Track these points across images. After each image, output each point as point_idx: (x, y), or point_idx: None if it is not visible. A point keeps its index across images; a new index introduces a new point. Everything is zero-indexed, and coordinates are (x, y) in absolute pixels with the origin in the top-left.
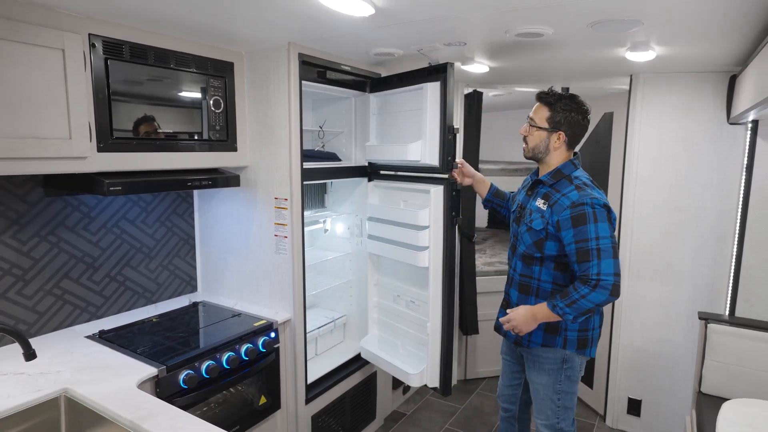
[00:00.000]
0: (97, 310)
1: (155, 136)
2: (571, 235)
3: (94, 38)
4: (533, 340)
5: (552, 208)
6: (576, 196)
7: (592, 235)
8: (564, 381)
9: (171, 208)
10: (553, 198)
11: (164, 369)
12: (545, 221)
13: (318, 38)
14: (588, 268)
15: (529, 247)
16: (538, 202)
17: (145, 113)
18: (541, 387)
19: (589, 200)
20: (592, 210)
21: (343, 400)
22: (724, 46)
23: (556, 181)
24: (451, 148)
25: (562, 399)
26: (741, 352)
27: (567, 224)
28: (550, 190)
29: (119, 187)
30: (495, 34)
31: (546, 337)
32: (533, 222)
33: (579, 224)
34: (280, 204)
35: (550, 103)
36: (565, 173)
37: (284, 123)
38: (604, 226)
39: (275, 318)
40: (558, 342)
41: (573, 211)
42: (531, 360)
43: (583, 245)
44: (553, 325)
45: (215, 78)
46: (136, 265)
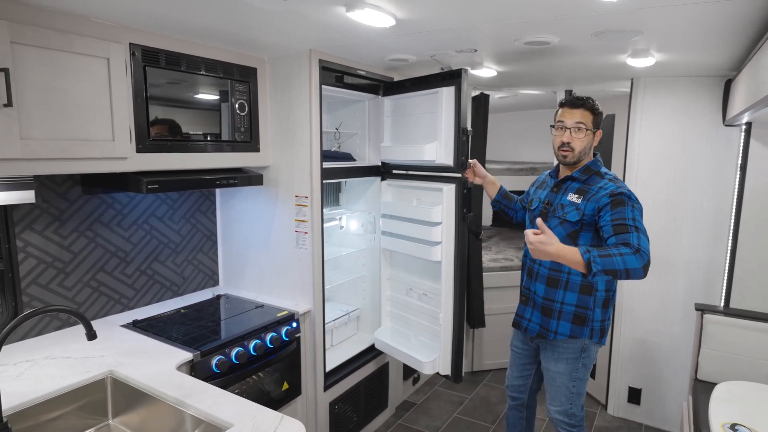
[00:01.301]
0: (129, 302)
1: (187, 138)
2: (609, 215)
3: (134, 47)
4: (560, 332)
5: (590, 200)
6: (614, 186)
7: (629, 216)
8: (581, 369)
9: (195, 206)
10: (590, 192)
11: (198, 354)
12: (581, 212)
13: (338, 45)
14: (628, 237)
15: (562, 240)
16: (570, 197)
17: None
18: (558, 375)
19: (627, 191)
20: (629, 200)
21: (358, 389)
22: (719, 53)
23: (588, 176)
24: (465, 149)
25: (577, 386)
26: (735, 341)
27: (606, 208)
28: (583, 185)
29: (156, 185)
30: (505, 42)
31: (573, 328)
32: (568, 215)
33: (618, 206)
34: (301, 201)
35: (592, 107)
36: (595, 169)
37: (305, 125)
38: (639, 215)
39: (296, 309)
40: (585, 333)
41: (613, 198)
42: (550, 349)
43: (621, 221)
44: (582, 316)
45: (240, 82)
46: (163, 260)
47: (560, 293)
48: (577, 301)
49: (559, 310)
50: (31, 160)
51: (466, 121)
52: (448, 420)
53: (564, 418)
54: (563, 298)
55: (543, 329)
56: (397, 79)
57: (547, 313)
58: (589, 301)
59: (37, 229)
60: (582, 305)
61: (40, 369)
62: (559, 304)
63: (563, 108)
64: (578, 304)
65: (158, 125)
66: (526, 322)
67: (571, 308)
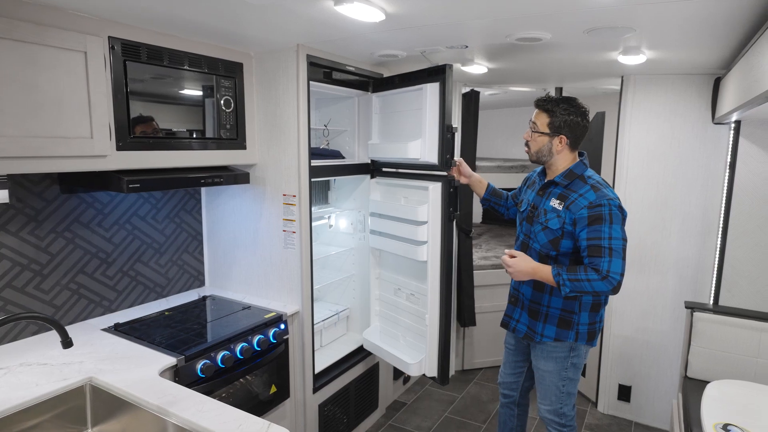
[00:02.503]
0: (110, 304)
1: (169, 135)
2: (585, 233)
3: (114, 41)
4: (546, 335)
5: (569, 208)
6: (593, 196)
7: (606, 235)
8: (570, 368)
9: (180, 205)
10: (569, 198)
11: (183, 359)
12: (561, 221)
13: (326, 41)
14: (599, 263)
15: (545, 246)
16: (552, 202)
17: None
18: (547, 374)
19: (606, 201)
20: (608, 211)
21: (348, 390)
22: (709, 51)
23: (570, 181)
24: (450, 147)
25: (566, 385)
26: (724, 339)
27: (583, 222)
28: (564, 190)
29: (138, 184)
30: (496, 38)
31: (559, 332)
32: (549, 222)
33: (594, 223)
34: (289, 200)
35: (549, 109)
36: (578, 173)
37: (293, 122)
38: (617, 228)
39: (284, 310)
40: (570, 336)
41: (590, 211)
42: (539, 349)
43: (596, 242)
44: (567, 320)
45: (225, 78)
46: (147, 261)
47: (546, 297)
48: (563, 305)
49: (546, 313)
50: (3, 159)
51: (451, 118)
52: (439, 420)
53: (554, 417)
54: (549, 302)
55: (530, 331)
56: (386, 75)
57: (534, 316)
58: (574, 305)
59: (12, 230)
60: (567, 309)
61: (14, 377)
62: (546, 307)
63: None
64: (563, 308)
65: (140, 122)
66: (515, 322)
67: (557, 311)
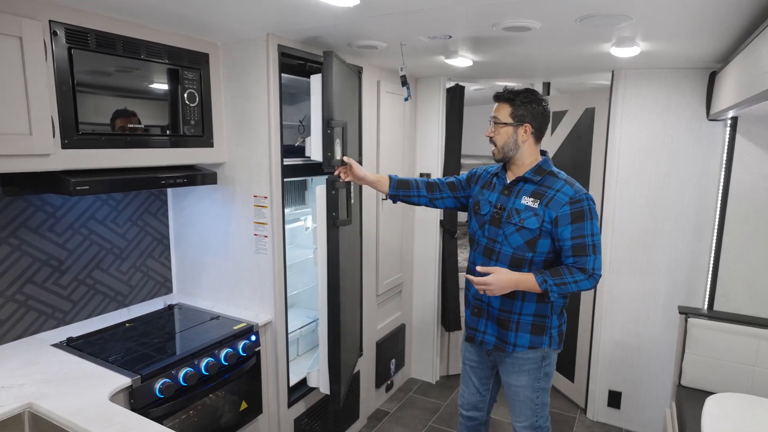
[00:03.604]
0: (64, 316)
1: (126, 132)
2: (569, 231)
3: (56, 25)
4: (519, 344)
5: (548, 206)
6: (571, 191)
7: (589, 232)
8: (543, 378)
9: (143, 207)
10: (546, 195)
11: (138, 378)
12: (540, 219)
13: (298, 29)
14: (585, 261)
15: (519, 248)
16: (524, 200)
17: (116, 107)
18: (521, 389)
19: (584, 196)
20: (588, 206)
21: (327, 401)
22: (706, 43)
23: (541, 177)
24: (329, 144)
25: (540, 396)
26: (720, 346)
27: (566, 220)
28: (538, 187)
29: (86, 186)
30: (482, 27)
31: (533, 339)
32: (526, 221)
33: (578, 221)
34: (260, 202)
35: (510, 99)
36: (547, 169)
37: (263, 118)
38: (596, 223)
39: (256, 320)
40: (545, 342)
41: (573, 207)
42: (509, 363)
43: (581, 241)
44: (540, 325)
45: (189, 70)
46: (106, 267)
47: (518, 304)
48: (536, 311)
49: (518, 321)
50: None
51: (334, 111)
52: (423, 430)
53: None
54: (521, 309)
55: (500, 341)
56: (366, 69)
57: (504, 325)
58: (547, 309)
59: None
60: (540, 314)
61: None
62: (518, 315)
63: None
64: (536, 313)
65: (89, 117)
66: (481, 334)
67: (530, 318)
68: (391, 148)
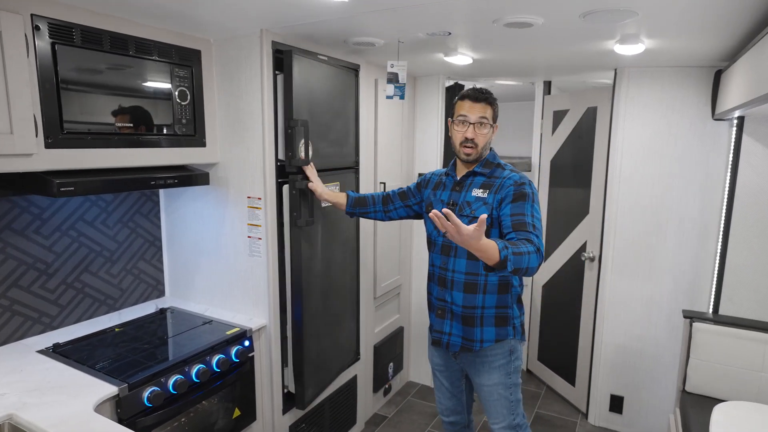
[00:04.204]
0: (51, 321)
1: (114, 131)
2: (509, 209)
3: (38, 20)
4: (486, 339)
5: (496, 192)
6: (517, 176)
7: (529, 212)
8: (513, 373)
9: (134, 208)
10: (495, 185)
11: (126, 387)
12: (490, 207)
13: (293, 25)
14: (530, 236)
15: None
16: (475, 192)
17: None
18: (493, 388)
19: (528, 181)
20: (531, 191)
21: (323, 407)
22: (712, 41)
23: (490, 169)
24: (291, 143)
25: (514, 393)
26: (725, 351)
27: (508, 199)
28: (487, 179)
29: (71, 187)
30: (482, 23)
31: (498, 331)
32: (476, 211)
33: (519, 200)
34: (254, 204)
35: (492, 100)
36: (494, 162)
37: (257, 117)
38: (537, 208)
39: (249, 325)
40: (510, 333)
41: (516, 189)
42: (479, 362)
43: (521, 218)
44: (503, 316)
45: (180, 67)
46: (96, 270)
47: (480, 298)
48: (497, 302)
49: (481, 316)
50: None
51: (291, 111)
52: None
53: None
54: (483, 302)
55: (466, 341)
56: (363, 67)
57: (468, 322)
58: (507, 299)
59: None
60: (502, 305)
61: None
62: (480, 309)
63: (464, 101)
64: (498, 305)
65: (75, 116)
66: (447, 336)
67: (492, 311)
68: (389, 147)
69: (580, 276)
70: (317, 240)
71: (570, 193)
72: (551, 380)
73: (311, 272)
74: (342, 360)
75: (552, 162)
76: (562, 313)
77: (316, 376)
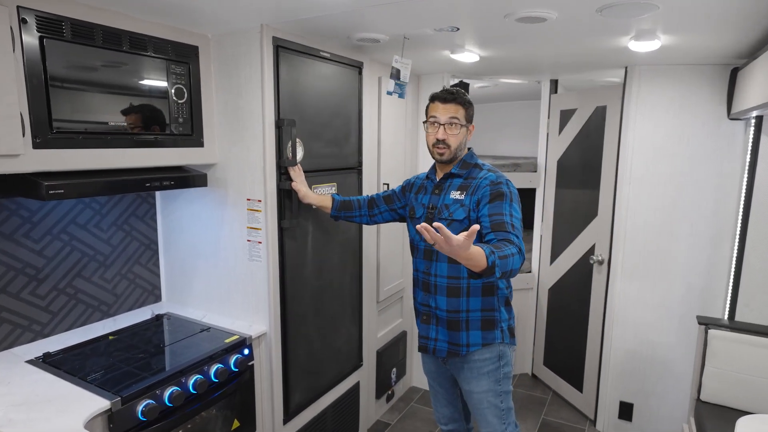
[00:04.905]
0: (42, 328)
1: (107, 130)
2: (487, 209)
3: (25, 12)
4: (472, 343)
5: (473, 193)
6: (494, 176)
7: (507, 212)
8: (503, 380)
9: (129, 210)
10: (471, 186)
11: (119, 401)
12: (467, 209)
13: (295, 20)
14: (509, 237)
15: None
16: (453, 194)
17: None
18: (483, 395)
19: (505, 180)
20: (508, 190)
21: (324, 416)
22: (731, 37)
23: (467, 170)
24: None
25: (504, 400)
26: (742, 359)
27: (486, 200)
28: (464, 181)
29: (61, 190)
30: (493, 18)
31: (485, 335)
32: (454, 214)
33: (496, 200)
34: (254, 206)
35: (464, 101)
36: (472, 162)
37: (257, 116)
38: (517, 207)
39: (249, 332)
40: (497, 336)
41: (492, 189)
42: (467, 369)
43: (500, 218)
44: (489, 319)
45: (177, 64)
46: (89, 275)
47: (463, 301)
48: (482, 305)
49: (466, 320)
50: None
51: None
52: None
53: None
54: (467, 306)
55: (453, 346)
56: (367, 65)
57: (454, 327)
58: (493, 302)
59: None
60: (488, 308)
61: None
62: (465, 313)
63: (434, 103)
64: (483, 308)
65: (65, 114)
66: (433, 342)
67: (478, 314)
68: (392, 146)
69: (588, 279)
70: (307, 241)
71: (577, 194)
72: (558, 385)
73: (300, 274)
74: (342, 366)
75: (559, 162)
76: (569, 317)
77: (305, 382)
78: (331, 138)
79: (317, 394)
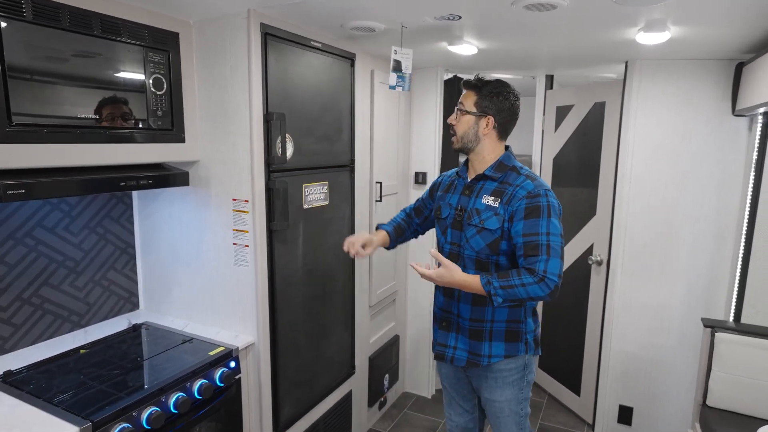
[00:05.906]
0: (3, 343)
1: (76, 124)
2: (521, 227)
3: None
4: (494, 355)
5: (508, 203)
6: (531, 186)
7: (543, 230)
8: (525, 388)
9: (103, 212)
10: (506, 193)
11: (89, 426)
12: (501, 219)
13: (284, 5)
14: (535, 262)
15: (482, 251)
16: (485, 199)
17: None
18: (506, 404)
19: (544, 191)
20: (547, 202)
21: (316, 429)
22: (739, 30)
23: (503, 174)
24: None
25: (524, 407)
26: (751, 363)
27: (520, 215)
28: (499, 185)
29: (22, 190)
30: (499, 4)
31: (508, 347)
32: (486, 222)
33: (531, 216)
34: (240, 207)
35: (477, 87)
36: (509, 165)
37: (244, 110)
38: (555, 222)
39: (235, 343)
40: (521, 349)
41: (529, 202)
42: (491, 378)
43: (533, 239)
44: (514, 331)
45: (155, 51)
46: (57, 283)
47: (489, 311)
48: (508, 316)
49: (490, 330)
50: None
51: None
52: None
53: None
54: (493, 316)
55: (473, 356)
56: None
57: (476, 337)
58: (520, 313)
59: None
60: (514, 319)
61: None
62: (489, 323)
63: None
64: (509, 319)
65: (26, 106)
66: (452, 350)
67: (503, 325)
68: (385, 143)
69: (586, 280)
70: (298, 244)
71: (575, 193)
72: (554, 389)
73: (290, 279)
74: (334, 375)
75: (555, 160)
76: (566, 319)
77: (296, 394)
78: (322, 134)
79: (308, 406)
